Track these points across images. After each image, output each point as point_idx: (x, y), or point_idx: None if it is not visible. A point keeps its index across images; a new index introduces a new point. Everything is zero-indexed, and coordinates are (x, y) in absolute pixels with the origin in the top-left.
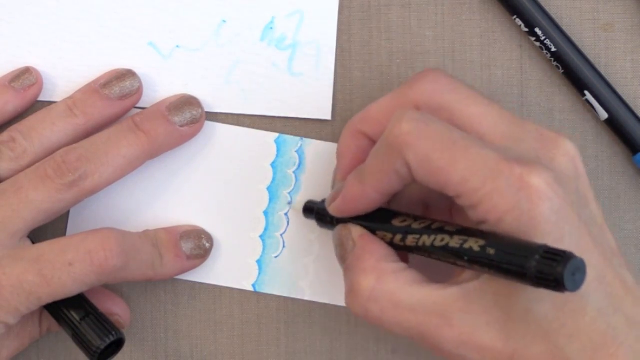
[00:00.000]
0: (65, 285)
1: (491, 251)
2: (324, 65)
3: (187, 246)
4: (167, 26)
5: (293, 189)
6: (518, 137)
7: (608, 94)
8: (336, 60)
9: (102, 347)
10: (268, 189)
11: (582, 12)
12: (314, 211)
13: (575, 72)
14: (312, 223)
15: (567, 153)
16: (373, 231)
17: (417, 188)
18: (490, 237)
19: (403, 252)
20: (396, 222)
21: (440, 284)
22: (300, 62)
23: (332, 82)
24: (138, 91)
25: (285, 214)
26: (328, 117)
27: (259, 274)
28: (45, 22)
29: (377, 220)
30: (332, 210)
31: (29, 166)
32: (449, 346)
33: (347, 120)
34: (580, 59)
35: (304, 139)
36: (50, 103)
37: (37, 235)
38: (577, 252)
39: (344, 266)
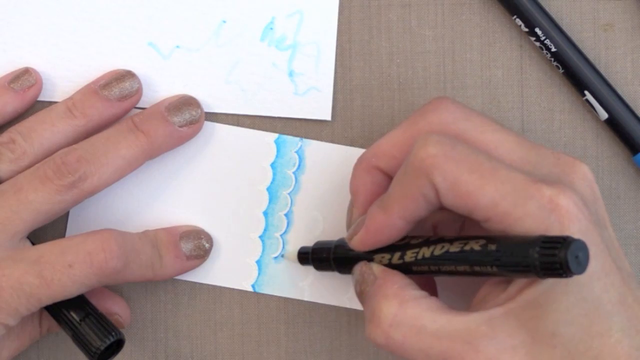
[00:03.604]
0: (65, 286)
1: (492, 247)
2: (324, 65)
3: (186, 246)
4: (167, 26)
5: (293, 190)
6: (536, 161)
7: (608, 94)
8: (336, 60)
9: (102, 347)
10: (268, 189)
11: (582, 12)
12: (309, 255)
13: (575, 72)
14: (312, 223)
15: (585, 177)
16: (371, 256)
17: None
18: (489, 237)
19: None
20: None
21: (462, 311)
22: (300, 62)
23: (332, 82)
24: (137, 92)
25: (285, 215)
26: (328, 117)
27: (259, 274)
28: (45, 22)
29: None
30: (355, 243)
31: (28, 167)
32: None
33: (347, 121)
34: (580, 59)
35: (304, 139)
36: (50, 103)
37: (37, 235)
38: (602, 275)
39: (365, 298)
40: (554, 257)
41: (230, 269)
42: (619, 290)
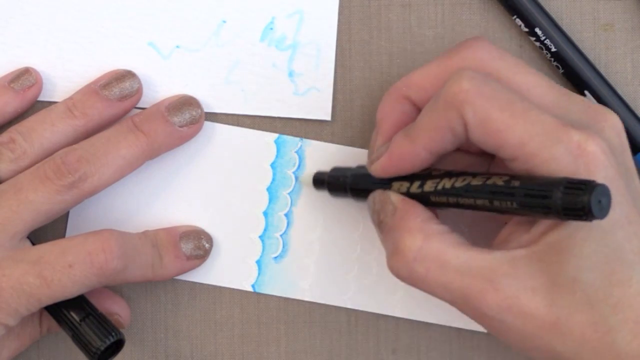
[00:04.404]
0: (65, 287)
1: (515, 183)
2: (324, 65)
3: (186, 247)
4: (167, 26)
5: (293, 190)
6: (567, 107)
7: (608, 94)
8: (336, 60)
9: (102, 347)
10: (268, 189)
11: (582, 12)
12: (325, 181)
13: (575, 72)
14: (312, 223)
15: (614, 126)
16: (389, 184)
17: (456, 156)
18: (513, 175)
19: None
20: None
21: (486, 249)
22: (300, 62)
23: (332, 82)
24: (138, 92)
25: (285, 215)
26: (328, 117)
27: (259, 274)
28: (45, 22)
29: None
30: (375, 169)
31: (28, 167)
32: (492, 311)
33: (347, 121)
34: (581, 59)
35: (304, 139)
36: (50, 103)
37: (37, 235)
38: (625, 223)
39: (385, 229)
40: (577, 200)
41: (230, 269)
42: None
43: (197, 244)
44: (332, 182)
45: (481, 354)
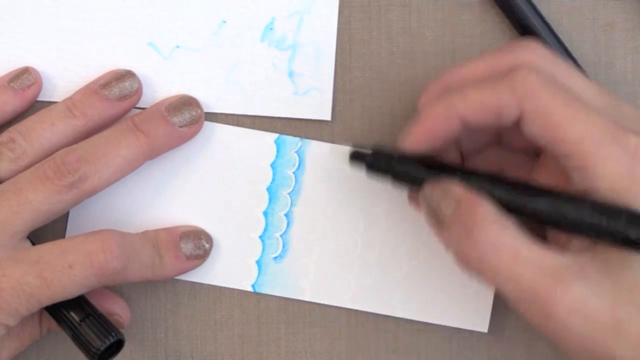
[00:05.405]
0: (65, 287)
1: (585, 205)
2: (324, 65)
3: (186, 247)
4: (167, 26)
5: (293, 190)
6: (617, 112)
7: None
8: (336, 60)
9: (102, 348)
10: (268, 189)
11: (582, 12)
12: (365, 158)
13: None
14: (312, 223)
15: None
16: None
17: (497, 153)
18: (577, 197)
19: None
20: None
21: (556, 249)
22: (300, 62)
23: (332, 82)
24: (137, 92)
25: (285, 215)
26: (328, 117)
27: (259, 274)
28: (45, 22)
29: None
30: (404, 137)
31: (28, 167)
32: (560, 311)
33: (347, 121)
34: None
35: (304, 139)
36: (50, 103)
37: (37, 236)
38: None
39: (448, 220)
40: None
41: (230, 269)
42: None
43: (197, 244)
44: (373, 163)
45: (481, 354)
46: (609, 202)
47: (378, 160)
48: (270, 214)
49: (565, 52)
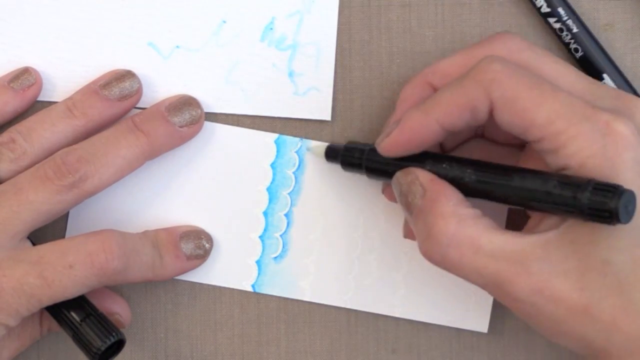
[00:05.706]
0: (65, 287)
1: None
2: (324, 65)
3: (186, 247)
4: (167, 26)
5: (293, 190)
6: (596, 94)
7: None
8: (336, 60)
9: (103, 348)
10: (268, 189)
11: (582, 12)
12: (339, 153)
13: (591, 59)
14: (312, 223)
15: None
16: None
17: (483, 146)
18: (539, 171)
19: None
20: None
21: (518, 232)
22: (300, 62)
23: (332, 82)
24: (137, 92)
25: (285, 215)
26: (328, 117)
27: (259, 274)
28: (45, 22)
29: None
30: (384, 146)
31: (28, 167)
32: (524, 295)
33: (347, 121)
34: (596, 48)
35: (304, 139)
36: (50, 103)
37: (37, 236)
38: None
39: (415, 211)
40: (604, 205)
41: (230, 269)
42: None
43: (197, 244)
44: (346, 156)
45: (481, 354)
46: (578, 176)
47: (351, 155)
48: (270, 214)
49: (569, 53)
